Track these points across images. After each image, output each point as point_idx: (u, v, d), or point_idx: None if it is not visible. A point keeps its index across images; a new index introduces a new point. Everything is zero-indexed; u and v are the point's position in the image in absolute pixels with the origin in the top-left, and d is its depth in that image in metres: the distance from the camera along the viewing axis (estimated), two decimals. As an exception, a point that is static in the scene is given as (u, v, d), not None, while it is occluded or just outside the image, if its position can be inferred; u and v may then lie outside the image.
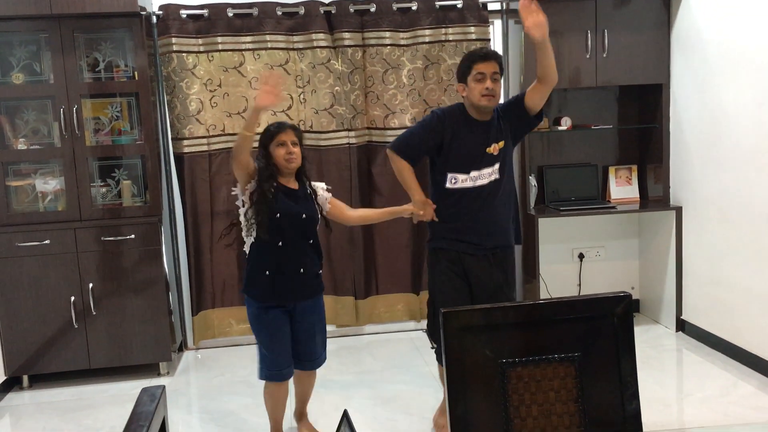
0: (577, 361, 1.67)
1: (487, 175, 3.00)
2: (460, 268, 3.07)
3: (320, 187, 3.13)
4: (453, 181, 3.01)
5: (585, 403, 1.66)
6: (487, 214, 3.02)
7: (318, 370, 3.36)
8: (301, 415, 3.37)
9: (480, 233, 3.04)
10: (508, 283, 3.13)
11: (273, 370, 3.02)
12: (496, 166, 3.01)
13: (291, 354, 3.05)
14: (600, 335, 1.68)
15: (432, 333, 3.21)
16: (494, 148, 3.00)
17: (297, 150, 2.94)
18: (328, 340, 3.49)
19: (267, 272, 2.93)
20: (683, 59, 4.34)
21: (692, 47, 4.23)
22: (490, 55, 2.95)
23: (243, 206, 2.95)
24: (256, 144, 3.00)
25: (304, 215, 2.95)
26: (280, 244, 2.91)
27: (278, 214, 2.88)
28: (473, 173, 2.99)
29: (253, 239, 2.93)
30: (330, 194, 3.15)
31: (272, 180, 2.91)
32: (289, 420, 3.39)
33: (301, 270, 2.97)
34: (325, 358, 3.21)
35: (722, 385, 3.69)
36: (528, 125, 3.12)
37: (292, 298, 2.99)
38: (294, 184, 3.00)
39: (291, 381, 3.15)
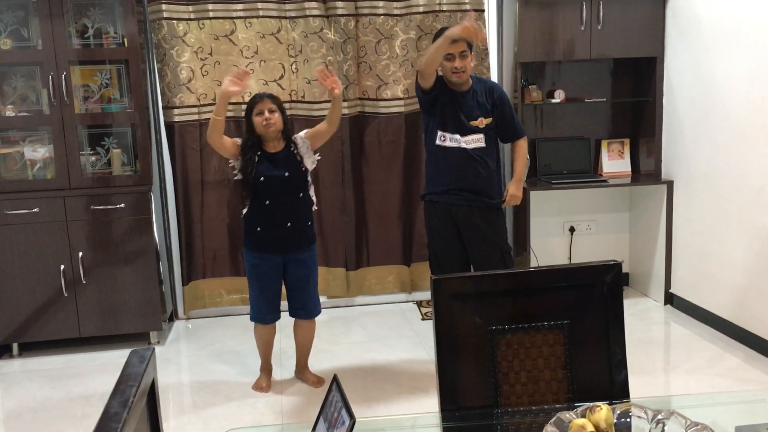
0: (566, 328, 1.67)
1: (472, 141, 3.41)
2: (449, 218, 3.47)
3: (298, 136, 3.38)
4: (442, 138, 3.43)
5: (573, 370, 1.68)
6: (472, 173, 3.42)
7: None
8: (302, 367, 3.63)
9: (465, 188, 3.43)
10: (496, 234, 3.52)
11: (258, 314, 3.42)
12: (482, 135, 3.44)
13: (278, 303, 3.42)
14: (589, 303, 1.69)
15: (432, 270, 3.66)
16: (480, 122, 3.43)
17: (274, 116, 3.23)
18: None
19: (258, 228, 3.28)
20: (678, 33, 4.32)
21: (687, 21, 4.21)
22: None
23: (236, 176, 3.32)
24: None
25: (286, 173, 3.24)
26: (267, 203, 3.24)
27: (261, 178, 3.22)
28: (458, 136, 3.40)
29: (248, 202, 3.30)
30: (304, 133, 3.40)
31: (255, 149, 3.25)
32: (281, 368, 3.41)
33: (289, 224, 3.28)
34: (319, 310, 3.52)
35: (709, 358, 3.73)
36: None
37: (282, 250, 3.30)
38: (278, 147, 3.30)
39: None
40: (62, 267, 3.95)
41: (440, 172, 3.46)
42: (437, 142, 3.43)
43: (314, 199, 3.40)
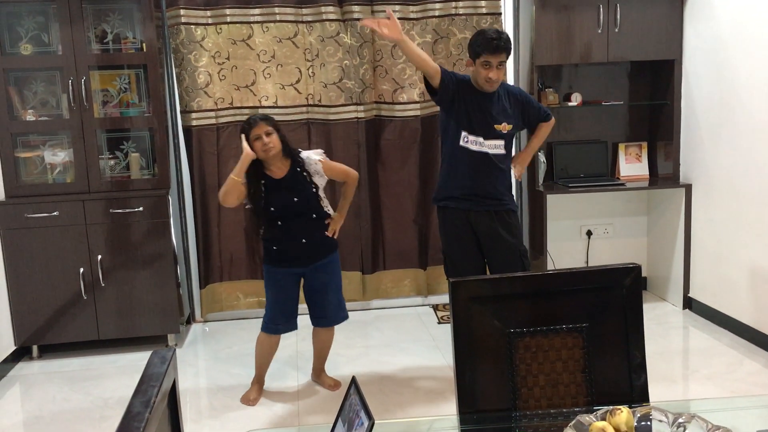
0: (585, 331, 1.66)
1: (494, 146, 3.37)
2: (467, 224, 3.42)
3: (313, 155, 3.30)
4: (465, 139, 3.35)
5: (592, 373, 1.67)
6: (489, 179, 3.39)
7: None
8: (319, 371, 3.63)
9: (483, 194, 3.39)
10: (514, 236, 3.46)
11: (269, 323, 3.37)
12: (502, 141, 3.39)
13: (291, 314, 3.38)
14: (608, 307, 1.68)
15: (448, 275, 3.56)
16: (504, 127, 3.38)
17: (272, 138, 3.15)
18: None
19: (275, 247, 3.28)
20: (696, 35, 4.29)
21: (705, 23, 4.18)
22: (500, 48, 3.24)
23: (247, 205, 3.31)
24: None
25: (295, 199, 3.21)
26: (280, 223, 3.22)
27: (272, 208, 3.20)
28: (481, 139, 3.35)
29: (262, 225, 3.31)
30: (321, 161, 3.30)
31: (259, 177, 3.18)
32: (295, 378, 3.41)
33: (303, 240, 3.25)
34: (344, 317, 3.49)
35: (728, 363, 3.70)
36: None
37: (300, 264, 3.30)
38: (283, 170, 3.22)
39: (311, 340, 3.33)
40: (81, 270, 3.98)
41: (458, 176, 3.41)
42: (461, 143, 3.35)
43: (330, 211, 3.35)
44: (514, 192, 3.66)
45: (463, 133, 3.34)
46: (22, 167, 4.09)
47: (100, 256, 4.00)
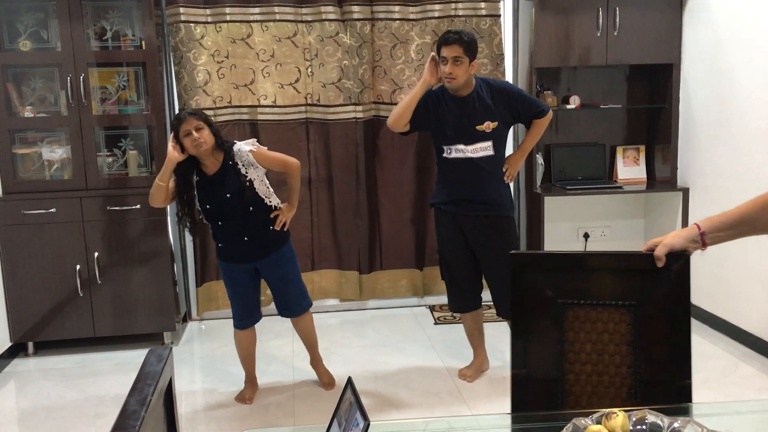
0: (633, 309, 1.75)
1: (479, 149, 3.31)
2: (457, 227, 3.42)
3: (244, 146, 3.17)
4: (448, 151, 3.35)
5: (637, 348, 1.75)
6: (479, 185, 3.36)
7: (321, 343, 3.64)
8: (314, 360, 3.61)
9: (472, 199, 3.37)
10: (506, 242, 3.37)
11: (235, 320, 3.40)
12: (489, 143, 3.32)
13: (253, 306, 3.40)
14: (657, 289, 1.76)
15: (443, 276, 3.63)
16: (487, 126, 3.30)
17: (202, 133, 3.05)
18: (330, 314, 3.63)
19: (220, 244, 3.31)
20: (695, 39, 4.30)
21: (704, 27, 4.19)
22: (450, 40, 3.18)
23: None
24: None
25: (228, 195, 3.15)
26: (220, 223, 3.23)
27: (207, 206, 3.19)
28: (462, 146, 3.31)
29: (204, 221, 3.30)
30: (253, 150, 3.17)
31: (189, 177, 3.15)
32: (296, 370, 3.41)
33: (246, 238, 3.23)
34: (308, 304, 3.47)
35: (724, 367, 3.70)
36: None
37: (248, 260, 3.28)
38: (216, 165, 3.15)
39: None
40: (78, 267, 3.98)
41: (447, 182, 3.42)
42: (444, 155, 3.37)
43: (273, 202, 3.25)
44: (511, 194, 3.63)
45: (444, 147, 3.36)
46: (20, 164, 4.08)
47: (96, 253, 3.99)
